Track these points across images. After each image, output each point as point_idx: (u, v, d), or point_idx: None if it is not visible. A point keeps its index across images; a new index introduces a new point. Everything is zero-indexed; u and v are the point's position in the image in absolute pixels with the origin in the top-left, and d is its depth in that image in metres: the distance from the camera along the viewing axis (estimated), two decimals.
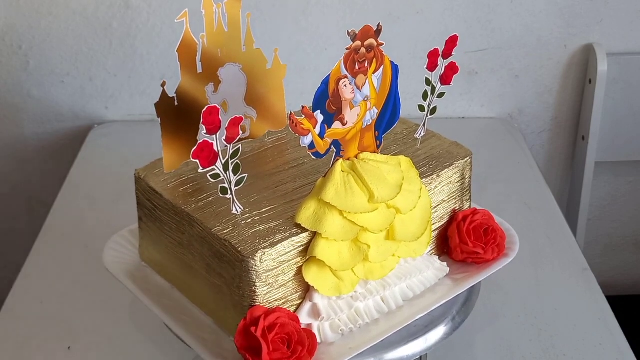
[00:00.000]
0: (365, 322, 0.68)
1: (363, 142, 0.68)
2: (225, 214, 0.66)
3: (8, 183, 1.36)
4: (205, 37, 0.70)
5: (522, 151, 1.24)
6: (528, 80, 1.30)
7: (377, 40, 0.64)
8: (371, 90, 0.66)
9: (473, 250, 0.73)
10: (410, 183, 0.69)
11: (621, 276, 1.50)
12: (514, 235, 0.78)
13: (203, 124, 0.59)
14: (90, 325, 0.88)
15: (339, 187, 0.66)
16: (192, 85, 0.69)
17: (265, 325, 0.62)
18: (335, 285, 0.66)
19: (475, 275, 0.74)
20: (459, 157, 0.75)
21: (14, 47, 1.24)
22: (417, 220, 0.70)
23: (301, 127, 0.63)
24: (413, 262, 0.72)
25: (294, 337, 0.62)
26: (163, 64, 1.24)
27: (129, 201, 0.87)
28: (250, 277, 0.63)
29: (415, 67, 1.28)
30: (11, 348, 0.86)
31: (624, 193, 1.41)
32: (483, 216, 0.76)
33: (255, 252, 0.62)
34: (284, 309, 0.64)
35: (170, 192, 0.69)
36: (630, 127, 1.30)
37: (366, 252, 0.66)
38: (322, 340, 0.66)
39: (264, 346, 0.60)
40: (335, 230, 0.65)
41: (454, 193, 0.76)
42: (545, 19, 1.24)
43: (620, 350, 0.85)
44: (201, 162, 0.60)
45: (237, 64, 0.72)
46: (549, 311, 0.90)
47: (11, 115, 1.30)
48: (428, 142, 0.77)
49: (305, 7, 1.21)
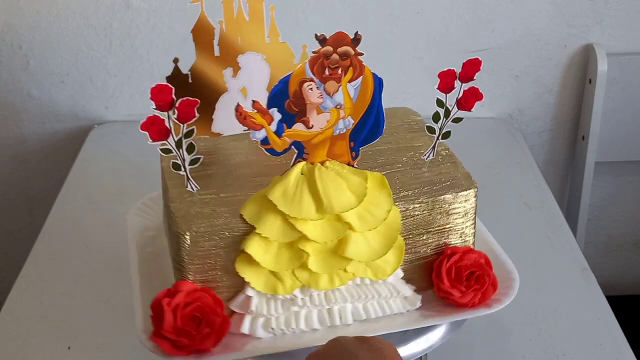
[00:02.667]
0: (301, 328, 0.68)
1: (334, 150, 0.67)
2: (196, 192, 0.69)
3: (8, 183, 1.36)
4: (223, 23, 0.71)
5: (522, 151, 1.24)
6: (528, 80, 1.30)
7: (355, 49, 0.63)
8: (346, 99, 0.65)
9: (448, 290, 0.70)
10: (375, 202, 0.67)
11: (621, 276, 1.50)
12: (513, 280, 0.73)
13: (151, 99, 0.62)
14: (90, 325, 0.88)
15: (289, 188, 0.65)
16: (208, 66, 0.72)
17: (182, 300, 0.64)
18: (271, 283, 0.66)
19: (445, 317, 0.70)
20: (461, 188, 0.71)
21: (14, 47, 1.24)
22: (378, 241, 0.67)
23: (252, 121, 0.63)
24: (375, 285, 0.69)
25: (206, 318, 0.64)
26: (163, 64, 1.24)
27: (129, 201, 0.87)
28: (181, 252, 0.65)
29: (416, 67, 1.28)
30: (11, 348, 0.86)
31: (624, 193, 1.41)
32: (476, 258, 0.71)
33: (188, 230, 0.65)
34: (211, 292, 0.66)
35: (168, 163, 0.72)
36: (630, 127, 1.30)
37: (305, 259, 0.66)
38: (250, 334, 0.67)
39: (167, 316, 0.63)
40: (272, 230, 0.65)
41: (448, 225, 0.72)
42: (545, 19, 1.24)
43: (620, 350, 0.85)
44: (150, 135, 0.63)
45: (259, 53, 0.72)
46: (549, 311, 0.90)
47: (11, 115, 1.30)
48: (440, 167, 0.74)
49: (306, 7, 1.21)
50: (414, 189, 0.70)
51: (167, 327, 0.63)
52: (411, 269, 0.71)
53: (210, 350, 0.65)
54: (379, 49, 1.24)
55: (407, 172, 0.72)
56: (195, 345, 0.64)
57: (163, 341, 0.64)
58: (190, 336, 0.64)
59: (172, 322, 0.64)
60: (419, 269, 0.72)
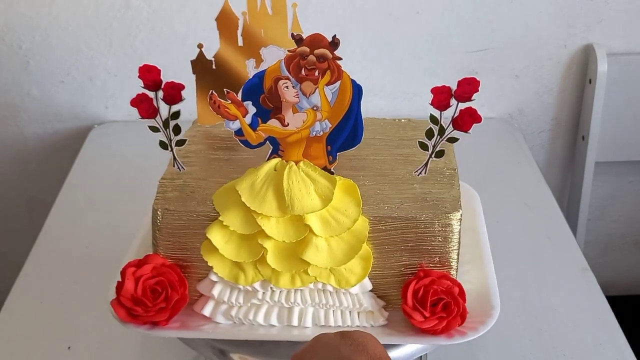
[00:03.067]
0: (258, 321, 0.69)
1: (310, 151, 0.67)
2: (189, 171, 0.72)
3: (8, 183, 1.36)
4: (247, 15, 0.73)
5: (522, 151, 1.24)
6: (528, 80, 1.30)
7: (333, 53, 0.62)
8: (323, 102, 0.64)
9: (409, 312, 0.67)
10: (342, 209, 0.66)
11: (621, 276, 1.50)
12: (490, 317, 0.68)
13: (140, 77, 0.66)
14: (90, 325, 0.88)
15: (257, 182, 0.66)
16: (231, 55, 0.74)
17: (147, 272, 0.68)
18: (234, 272, 0.68)
19: (404, 338, 0.68)
20: (442, 211, 0.68)
21: (14, 47, 1.24)
22: (341, 249, 0.66)
23: (226, 111, 0.65)
24: (338, 293, 0.69)
25: (165, 293, 0.67)
26: (163, 64, 1.24)
27: (129, 201, 0.87)
28: (155, 226, 0.69)
29: (415, 67, 1.28)
30: (11, 348, 0.86)
31: (624, 193, 1.41)
32: (449, 286, 0.67)
33: (161, 207, 0.68)
34: (177, 270, 0.69)
35: (192, 138, 0.77)
36: (630, 127, 1.30)
37: (264, 254, 0.66)
38: (211, 317, 0.69)
39: (127, 284, 0.67)
40: (235, 220, 0.66)
41: (424, 246, 0.68)
42: (545, 19, 1.24)
43: (620, 350, 0.85)
44: (139, 112, 0.67)
45: (282, 48, 0.73)
46: (549, 311, 0.90)
47: (11, 115, 1.30)
48: (433, 185, 0.71)
49: (306, 7, 1.21)
50: (393, 204, 0.68)
51: (125, 295, 0.67)
52: (382, 284, 0.70)
53: (163, 324, 0.67)
54: (379, 49, 1.24)
55: (397, 186, 0.70)
56: (149, 316, 0.67)
57: (120, 308, 0.67)
58: (145, 307, 0.67)
59: (131, 291, 0.67)
60: (391, 285, 0.70)
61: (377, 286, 0.70)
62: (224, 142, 0.77)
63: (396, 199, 0.69)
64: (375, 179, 0.71)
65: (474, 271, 0.74)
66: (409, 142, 0.77)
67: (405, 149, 0.76)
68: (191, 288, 0.70)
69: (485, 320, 0.68)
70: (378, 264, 0.69)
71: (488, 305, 0.69)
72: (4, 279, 1.12)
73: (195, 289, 0.70)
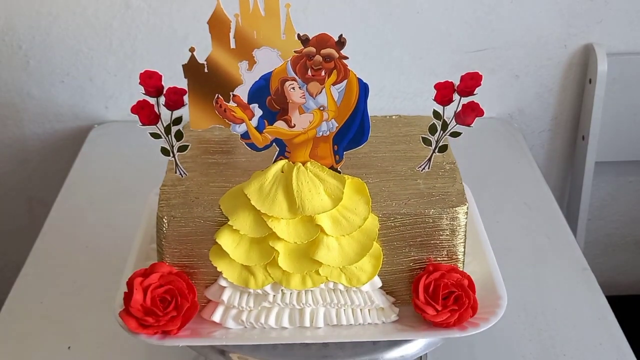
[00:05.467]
0: (269, 324, 0.68)
1: (317, 152, 0.67)
2: (190, 176, 0.71)
3: (8, 183, 1.36)
4: (240, 17, 0.72)
5: (522, 151, 1.24)
6: (528, 80, 1.30)
7: (340, 52, 0.62)
8: (329, 102, 0.64)
9: (422, 307, 0.67)
10: (352, 208, 0.67)
11: (621, 276, 1.50)
12: (499, 307, 0.68)
13: (141, 84, 0.64)
14: (90, 325, 0.88)
15: (265, 185, 0.66)
16: (224, 58, 0.73)
17: (155, 281, 0.66)
18: (244, 276, 0.67)
19: (417, 333, 0.68)
20: (449, 205, 0.68)
21: (14, 47, 1.24)
22: (352, 248, 0.67)
23: (232, 114, 0.64)
24: (349, 292, 0.69)
25: (175, 301, 0.66)
26: (163, 64, 1.24)
27: (129, 201, 0.87)
28: (160, 234, 0.68)
29: (415, 67, 1.28)
30: (11, 348, 0.86)
31: (624, 193, 1.41)
32: (458, 279, 0.68)
33: (167, 214, 0.67)
34: (185, 277, 0.68)
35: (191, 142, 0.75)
36: (630, 127, 1.30)
37: (275, 257, 0.66)
38: (221, 323, 0.69)
39: (136, 294, 0.66)
40: (244, 224, 0.65)
41: (432, 241, 0.69)
42: (545, 19, 1.24)
43: (620, 350, 0.85)
44: (140, 119, 0.65)
45: (275, 49, 0.73)
46: (549, 311, 0.90)
47: (11, 115, 1.30)
48: (436, 180, 0.71)
49: (306, 7, 1.21)
50: (400, 200, 0.69)
51: (134, 305, 0.66)
52: (392, 280, 0.70)
53: (174, 333, 0.67)
54: (379, 49, 1.24)
55: (401, 183, 0.71)
56: (160, 326, 0.66)
57: (130, 318, 0.66)
58: (156, 317, 0.66)
59: (140, 301, 0.66)
60: (400, 281, 0.70)
61: (386, 282, 0.70)
62: (219, 146, 0.76)
63: (402, 195, 0.69)
64: (379, 176, 0.71)
65: (476, 263, 0.74)
66: (403, 138, 0.77)
67: (402, 145, 0.76)
68: (199, 295, 0.69)
69: (495, 311, 0.68)
70: (387, 260, 0.69)
71: (495, 295, 0.70)
72: (4, 279, 1.13)
73: (202, 296, 0.70)
